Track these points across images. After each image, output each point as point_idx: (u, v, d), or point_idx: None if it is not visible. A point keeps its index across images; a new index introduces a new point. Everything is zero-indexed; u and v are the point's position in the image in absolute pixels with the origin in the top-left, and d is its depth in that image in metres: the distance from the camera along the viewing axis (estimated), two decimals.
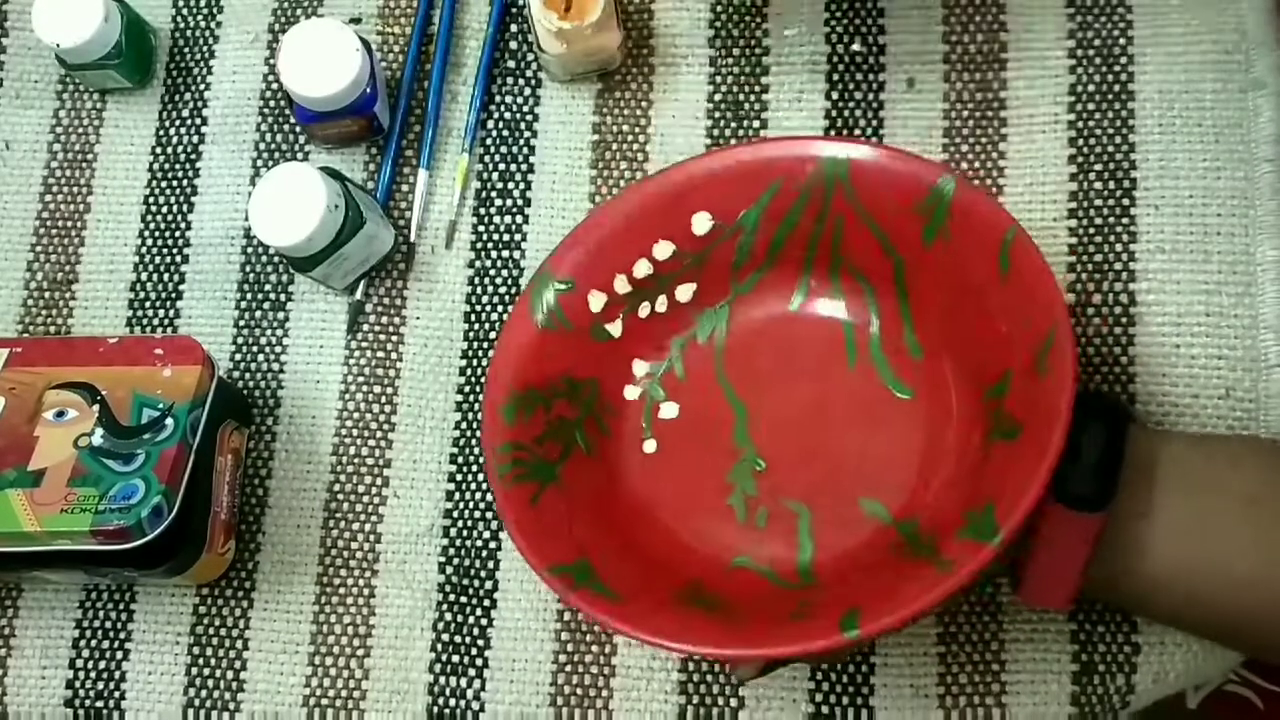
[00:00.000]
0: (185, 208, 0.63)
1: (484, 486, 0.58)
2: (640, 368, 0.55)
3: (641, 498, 0.53)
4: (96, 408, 0.52)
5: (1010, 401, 0.47)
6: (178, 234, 0.62)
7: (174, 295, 0.62)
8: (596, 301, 0.54)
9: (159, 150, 0.63)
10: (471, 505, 0.58)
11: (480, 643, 0.57)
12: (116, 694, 0.57)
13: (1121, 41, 0.59)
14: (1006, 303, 0.48)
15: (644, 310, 0.55)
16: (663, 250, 0.54)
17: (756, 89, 0.61)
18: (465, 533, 0.58)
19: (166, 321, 0.61)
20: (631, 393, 0.55)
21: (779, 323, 0.55)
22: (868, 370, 0.53)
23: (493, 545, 0.57)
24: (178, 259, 0.62)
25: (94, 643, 0.58)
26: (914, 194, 0.51)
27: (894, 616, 0.43)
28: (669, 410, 0.55)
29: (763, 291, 0.55)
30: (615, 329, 0.55)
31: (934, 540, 0.46)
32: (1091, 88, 0.59)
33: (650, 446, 0.54)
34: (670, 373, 0.55)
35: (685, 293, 0.55)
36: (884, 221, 0.52)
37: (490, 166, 0.62)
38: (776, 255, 0.54)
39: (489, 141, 0.62)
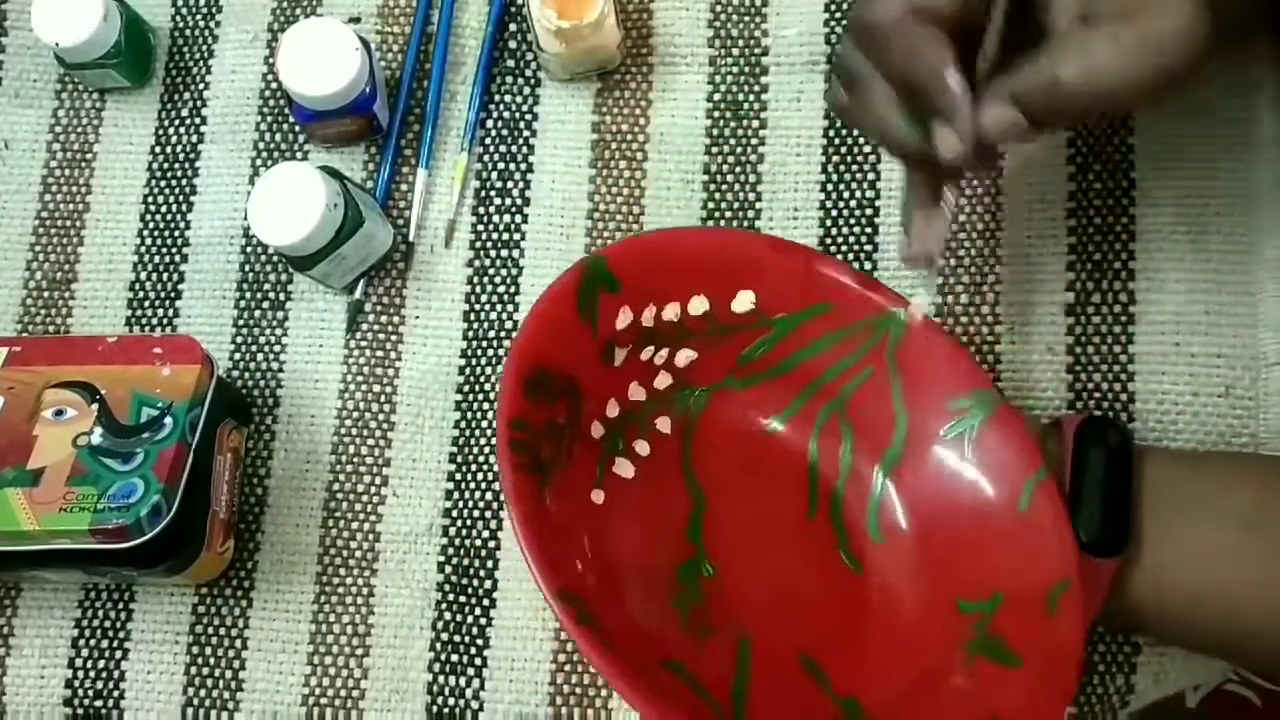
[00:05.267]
0: (184, 207, 0.63)
1: (483, 486, 0.58)
2: (613, 409, 0.52)
3: (600, 547, 0.50)
4: (95, 407, 0.52)
5: (1001, 624, 0.47)
6: (177, 233, 0.62)
7: (173, 294, 0.62)
8: (623, 319, 0.51)
9: (158, 150, 0.63)
10: (471, 505, 0.58)
11: (479, 642, 0.57)
12: (115, 694, 0.57)
13: None
14: (1012, 532, 0.48)
15: (646, 354, 0.53)
16: (697, 305, 0.52)
17: (756, 89, 0.61)
18: (464, 532, 0.58)
19: (165, 321, 0.61)
20: (597, 430, 0.52)
21: (752, 435, 0.54)
22: (825, 527, 0.52)
23: (491, 545, 0.57)
24: (177, 258, 0.62)
25: (93, 642, 0.58)
26: (954, 388, 0.50)
27: None
28: (623, 468, 0.52)
29: (751, 396, 0.54)
30: (619, 358, 0.52)
31: None
32: None
33: (598, 497, 0.51)
34: (633, 427, 0.53)
35: (684, 358, 0.53)
36: (912, 398, 0.51)
37: (489, 166, 0.62)
38: (782, 371, 0.53)
39: (488, 141, 0.62)
